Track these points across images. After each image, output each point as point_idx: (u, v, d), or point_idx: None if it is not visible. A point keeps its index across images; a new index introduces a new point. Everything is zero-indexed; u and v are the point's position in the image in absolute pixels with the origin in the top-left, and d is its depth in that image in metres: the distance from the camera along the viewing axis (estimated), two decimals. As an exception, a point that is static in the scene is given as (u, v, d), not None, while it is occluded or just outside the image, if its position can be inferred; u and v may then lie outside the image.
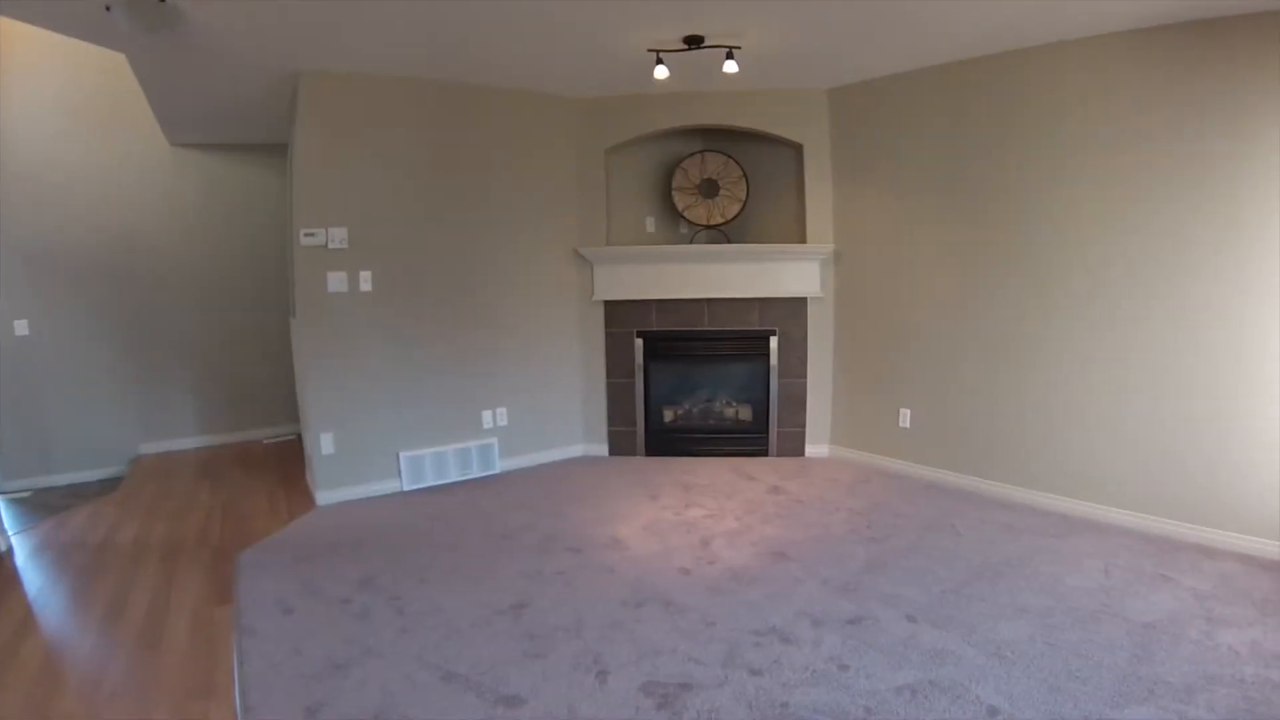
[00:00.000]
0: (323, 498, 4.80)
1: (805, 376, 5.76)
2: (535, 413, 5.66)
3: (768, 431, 5.86)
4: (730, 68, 4.33)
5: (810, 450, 5.84)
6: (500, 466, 5.46)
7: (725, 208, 5.80)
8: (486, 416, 5.40)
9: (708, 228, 5.87)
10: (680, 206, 5.84)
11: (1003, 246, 4.71)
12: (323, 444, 4.76)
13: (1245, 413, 3.89)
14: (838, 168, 5.55)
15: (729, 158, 5.80)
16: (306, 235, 4.63)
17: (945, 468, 5.14)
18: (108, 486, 5.48)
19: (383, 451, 4.99)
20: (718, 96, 5.45)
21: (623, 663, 2.91)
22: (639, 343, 5.80)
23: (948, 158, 4.91)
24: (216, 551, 4.11)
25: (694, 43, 4.17)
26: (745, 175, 5.79)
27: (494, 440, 5.42)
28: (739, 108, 5.50)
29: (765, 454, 5.85)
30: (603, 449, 5.94)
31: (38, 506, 5.10)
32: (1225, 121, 3.80)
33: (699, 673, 2.84)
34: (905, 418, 5.35)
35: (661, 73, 4.34)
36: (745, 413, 6.03)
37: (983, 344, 4.87)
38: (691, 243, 5.94)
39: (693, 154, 5.87)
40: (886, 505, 4.72)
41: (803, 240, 5.65)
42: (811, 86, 5.46)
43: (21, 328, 5.60)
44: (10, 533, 4.40)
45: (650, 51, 4.28)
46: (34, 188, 5.55)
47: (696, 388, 6.18)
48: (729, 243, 5.85)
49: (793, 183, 5.78)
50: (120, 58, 4.17)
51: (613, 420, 5.90)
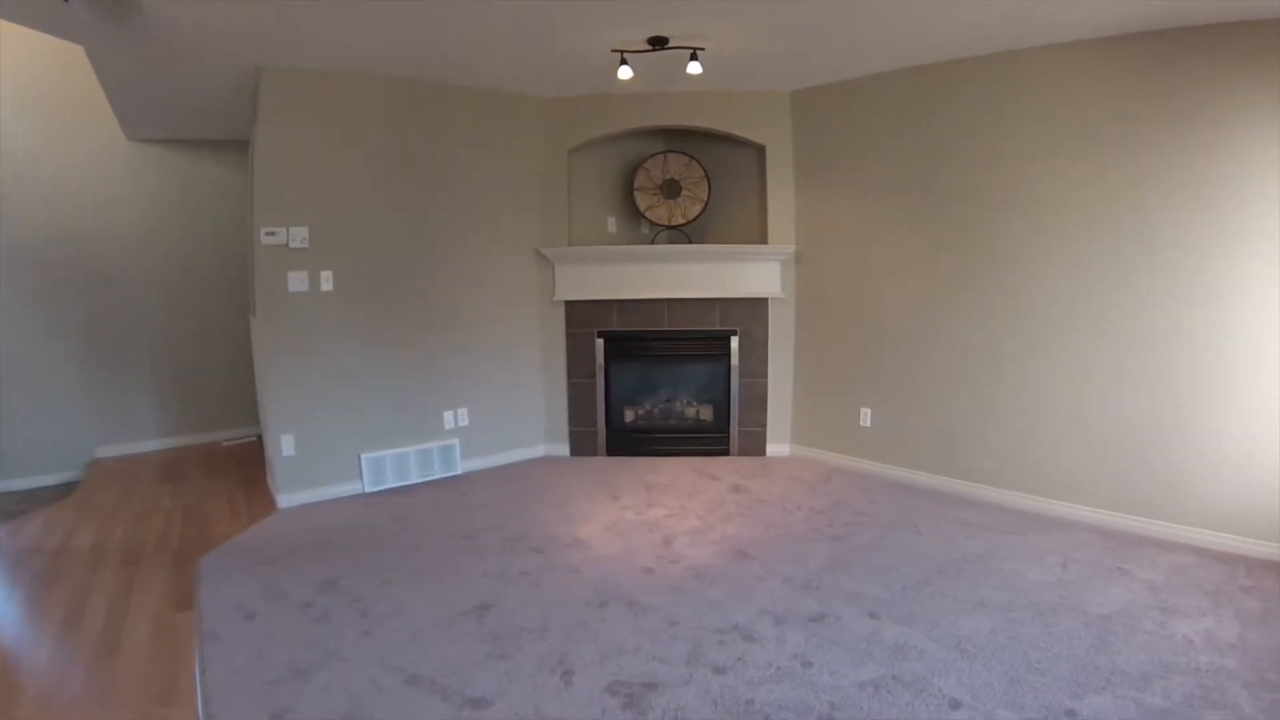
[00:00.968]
0: (284, 500, 4.76)
1: (766, 376, 5.82)
2: (497, 413, 5.65)
3: (729, 431, 5.90)
4: (694, 69, 4.36)
5: (771, 450, 5.90)
6: (462, 467, 5.44)
7: (687, 208, 5.84)
8: (448, 417, 5.39)
9: (669, 228, 5.90)
10: (642, 207, 5.87)
11: (966, 249, 4.79)
12: (284, 446, 4.71)
13: (1198, 412, 4.04)
14: (800, 169, 5.61)
15: (691, 158, 5.83)
16: (267, 234, 4.58)
17: (906, 466, 5.22)
18: (64, 491, 5.37)
19: (344, 453, 4.95)
20: (681, 97, 5.48)
21: (587, 663, 2.93)
22: (600, 343, 5.81)
23: (911, 160, 4.98)
24: (177, 556, 4.06)
25: (658, 44, 4.19)
26: (707, 176, 5.83)
27: (455, 441, 5.41)
28: (702, 109, 5.53)
29: (726, 453, 5.90)
30: (564, 449, 5.95)
31: (-10, 512, 5.00)
32: (1190, 130, 3.92)
33: (663, 672, 2.87)
34: (866, 417, 5.42)
35: (625, 73, 4.36)
36: (706, 412, 6.06)
37: (944, 344, 4.96)
38: (653, 243, 5.96)
39: (655, 154, 5.89)
40: (848, 504, 4.78)
41: (764, 241, 5.71)
42: (775, 88, 5.51)
43: (-29, 328, 5.47)
44: (-38, 539, 4.32)
45: (615, 52, 4.30)
46: (-17, 183, 5.44)
47: (657, 388, 6.21)
48: (690, 243, 5.87)
49: (754, 183, 5.83)
50: (76, 50, 4.10)
51: (574, 420, 5.91)
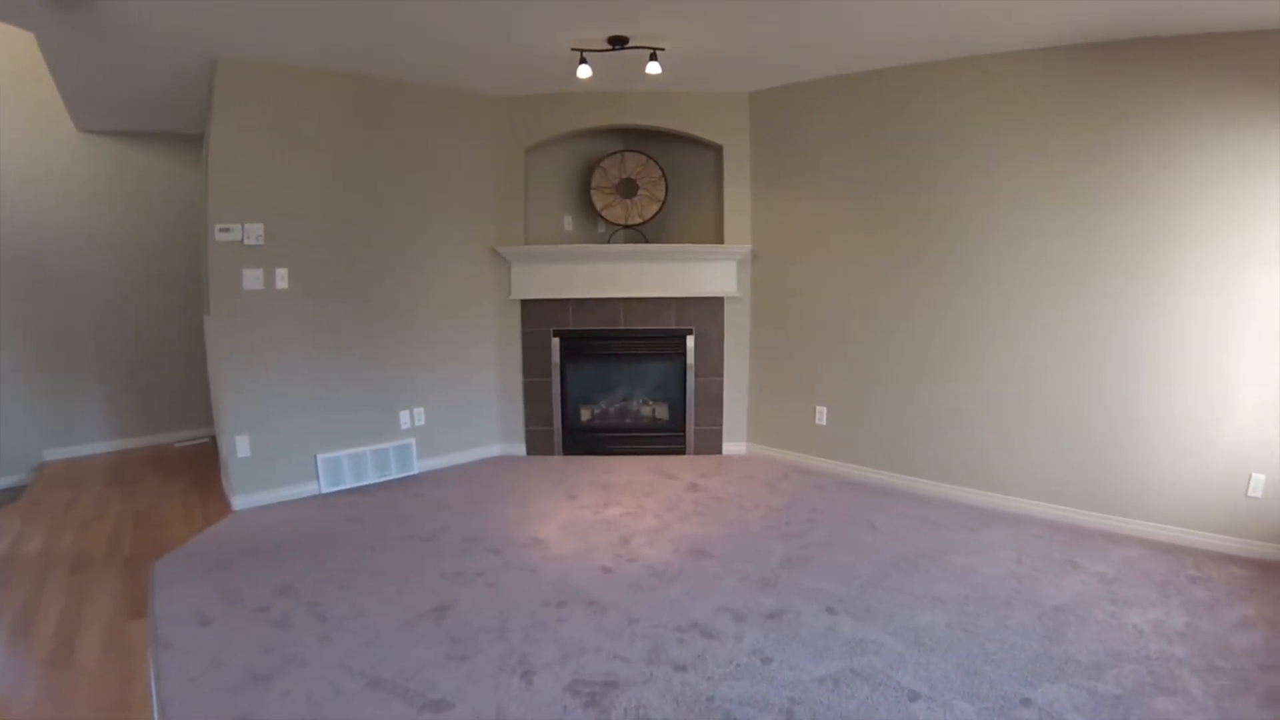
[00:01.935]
0: (239, 502, 4.69)
1: (722, 375, 5.86)
2: (453, 413, 5.63)
3: (685, 430, 5.94)
4: (653, 69, 4.37)
5: (728, 448, 5.95)
6: (419, 467, 5.42)
7: (643, 207, 5.85)
8: (404, 417, 5.36)
9: (625, 227, 5.92)
10: (599, 206, 5.87)
11: (920, 250, 4.88)
12: (238, 446, 4.64)
13: (1145, 408, 4.20)
14: (757, 170, 5.65)
15: (648, 158, 5.85)
16: (221, 231, 4.50)
17: (862, 464, 5.30)
18: (10, 495, 5.24)
19: (300, 453, 4.89)
20: (640, 97, 5.50)
21: (548, 663, 2.93)
22: (556, 342, 5.81)
23: (868, 161, 5.05)
24: (129, 562, 3.97)
25: (618, 43, 4.20)
26: (664, 175, 5.85)
27: (412, 441, 5.38)
28: (660, 109, 5.55)
29: (683, 452, 5.93)
30: (520, 448, 5.94)
31: (-68, 518, 4.86)
32: (1134, 136, 4.08)
33: (624, 670, 2.89)
34: (822, 415, 5.48)
35: (584, 72, 4.36)
36: (662, 411, 6.09)
37: (899, 344, 5.04)
38: (609, 242, 5.98)
39: (612, 154, 5.91)
40: (804, 501, 4.84)
41: (720, 241, 5.74)
42: (733, 89, 5.54)
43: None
44: (-98, 546, 4.20)
45: (574, 51, 4.30)
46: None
47: (613, 387, 6.22)
48: (646, 242, 5.90)
49: (711, 184, 5.86)
50: (26, 36, 3.97)
51: (530, 420, 5.91)
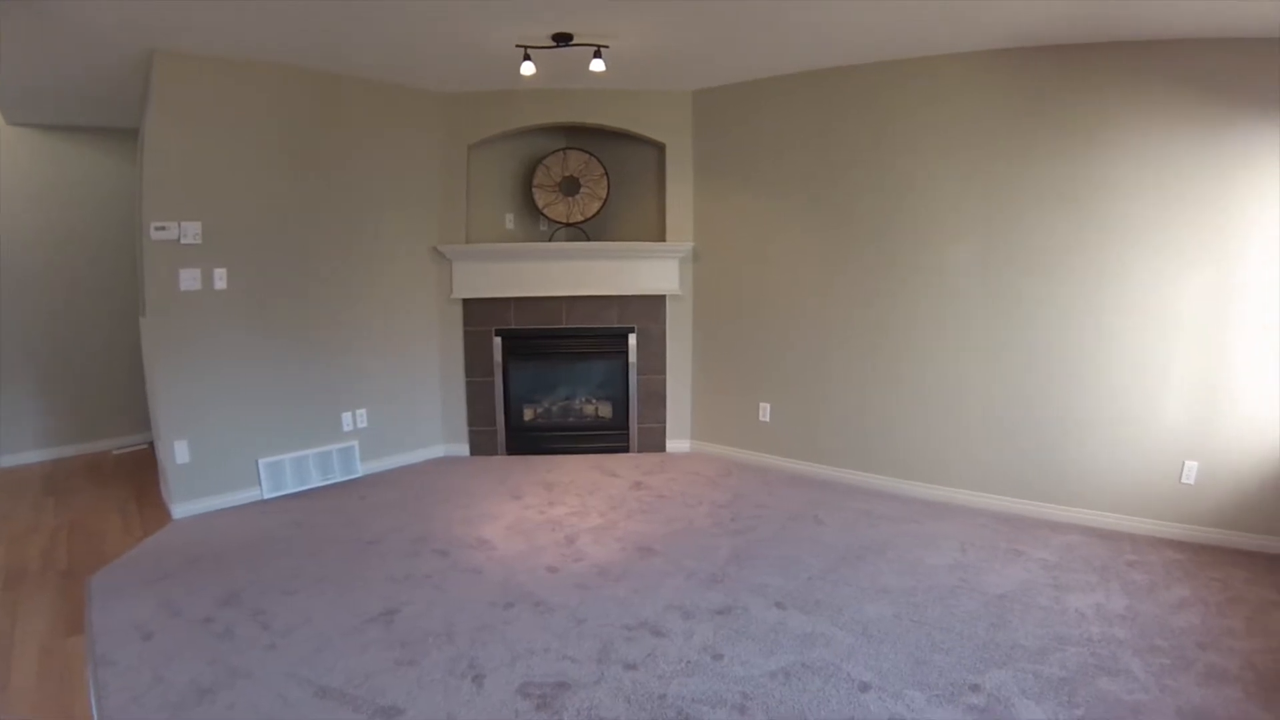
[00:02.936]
0: (179, 510, 4.57)
1: (664, 373, 5.90)
2: (396, 414, 5.58)
3: (628, 428, 5.96)
4: (597, 66, 4.37)
5: (671, 446, 5.99)
6: (362, 470, 5.36)
7: (585, 205, 5.86)
8: (346, 419, 5.29)
9: (567, 225, 5.91)
10: (541, 204, 5.86)
11: (864, 248, 4.96)
12: (177, 453, 4.53)
13: (1085, 401, 4.36)
14: (699, 167, 5.68)
15: (591, 156, 5.85)
16: (158, 229, 4.36)
17: (806, 459, 5.38)
18: (-68, 508, 5.04)
19: (241, 459, 4.80)
20: (584, 95, 5.49)
21: (497, 665, 2.93)
22: (498, 341, 5.78)
23: (812, 161, 5.11)
24: (65, 576, 3.84)
25: (563, 40, 4.19)
26: (606, 173, 5.86)
27: (355, 443, 5.32)
28: (604, 106, 5.56)
29: (626, 450, 5.95)
30: (464, 449, 5.91)
31: None
32: (1079, 139, 4.23)
33: (574, 671, 2.89)
34: (765, 412, 5.55)
35: (528, 69, 4.35)
36: (605, 410, 6.10)
37: (842, 341, 5.11)
38: (551, 240, 5.97)
39: (555, 151, 5.89)
40: (749, 497, 4.89)
41: (662, 239, 5.77)
42: (677, 87, 5.55)
43: None
44: None
45: (519, 48, 4.27)
46: None
47: (556, 386, 6.22)
48: (588, 241, 5.90)
49: (654, 182, 5.88)
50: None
51: (473, 420, 5.87)
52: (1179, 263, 4.05)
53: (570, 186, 5.87)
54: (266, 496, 4.89)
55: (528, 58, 4.29)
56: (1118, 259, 4.19)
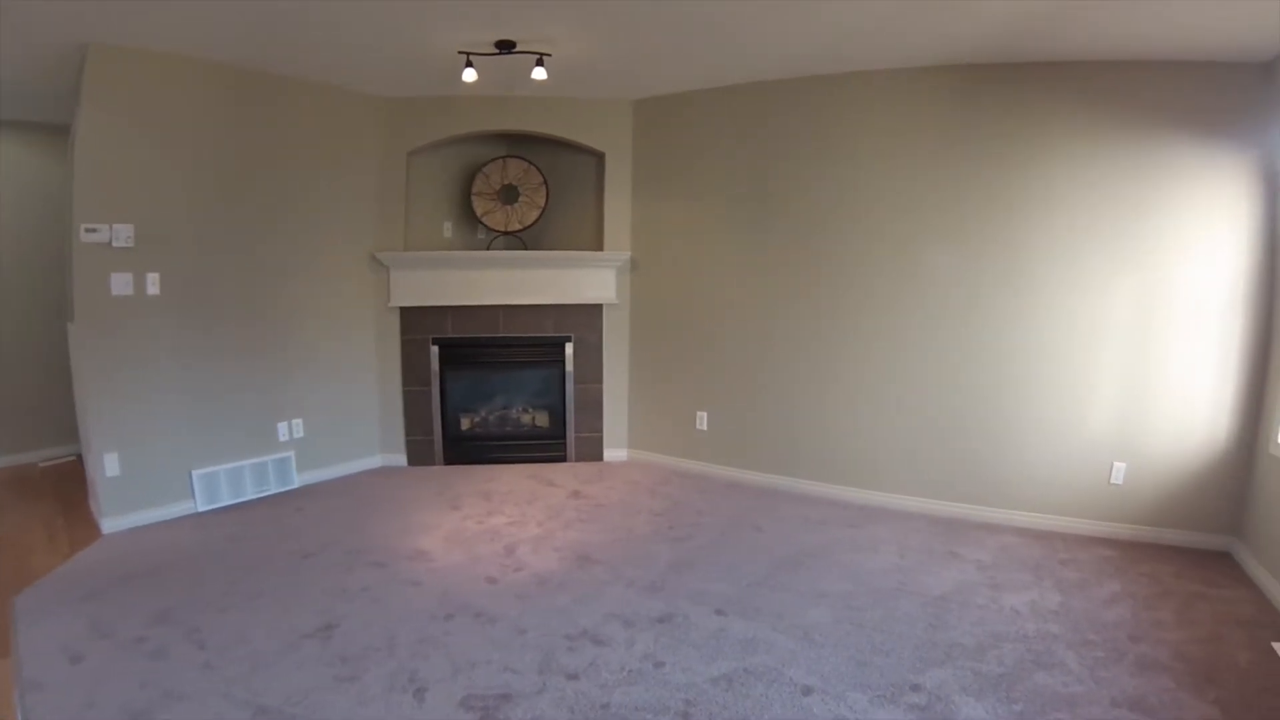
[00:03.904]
0: (109, 525, 4.43)
1: (601, 382, 5.92)
2: (332, 423, 5.50)
3: (565, 437, 5.97)
4: (539, 74, 4.37)
5: (609, 454, 6.01)
6: (298, 481, 5.27)
7: (524, 214, 5.85)
8: (282, 428, 5.20)
9: (505, 234, 5.90)
10: (479, 212, 5.84)
11: (800, 257, 5.06)
12: (106, 465, 4.39)
13: (1017, 406, 4.54)
14: (638, 177, 5.73)
15: (530, 164, 5.85)
16: (88, 231, 4.23)
17: (744, 467, 5.45)
18: None
19: (174, 470, 4.67)
20: (525, 102, 5.50)
21: (439, 678, 2.92)
22: (435, 349, 5.75)
23: (750, 172, 5.19)
24: None
25: (505, 47, 4.19)
26: (546, 182, 5.86)
27: (291, 453, 5.23)
28: (545, 114, 5.57)
29: (564, 459, 5.96)
30: (401, 459, 5.85)
31: None
32: (1009, 151, 4.42)
33: (517, 682, 2.90)
34: (702, 420, 5.61)
35: (470, 75, 4.34)
36: (542, 419, 6.10)
37: (779, 349, 5.20)
38: (489, 249, 5.95)
39: (495, 159, 5.87)
40: (687, 505, 4.94)
41: (600, 248, 5.79)
42: (618, 96, 5.58)
43: None
44: None
45: (461, 54, 4.26)
46: None
47: (493, 395, 6.20)
48: (526, 249, 5.90)
49: (593, 190, 5.90)
50: None
51: (410, 429, 5.83)
52: (1106, 271, 4.27)
53: (509, 195, 5.86)
54: (200, 509, 4.77)
55: (470, 64, 4.29)
56: (1049, 268, 4.38)
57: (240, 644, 3.19)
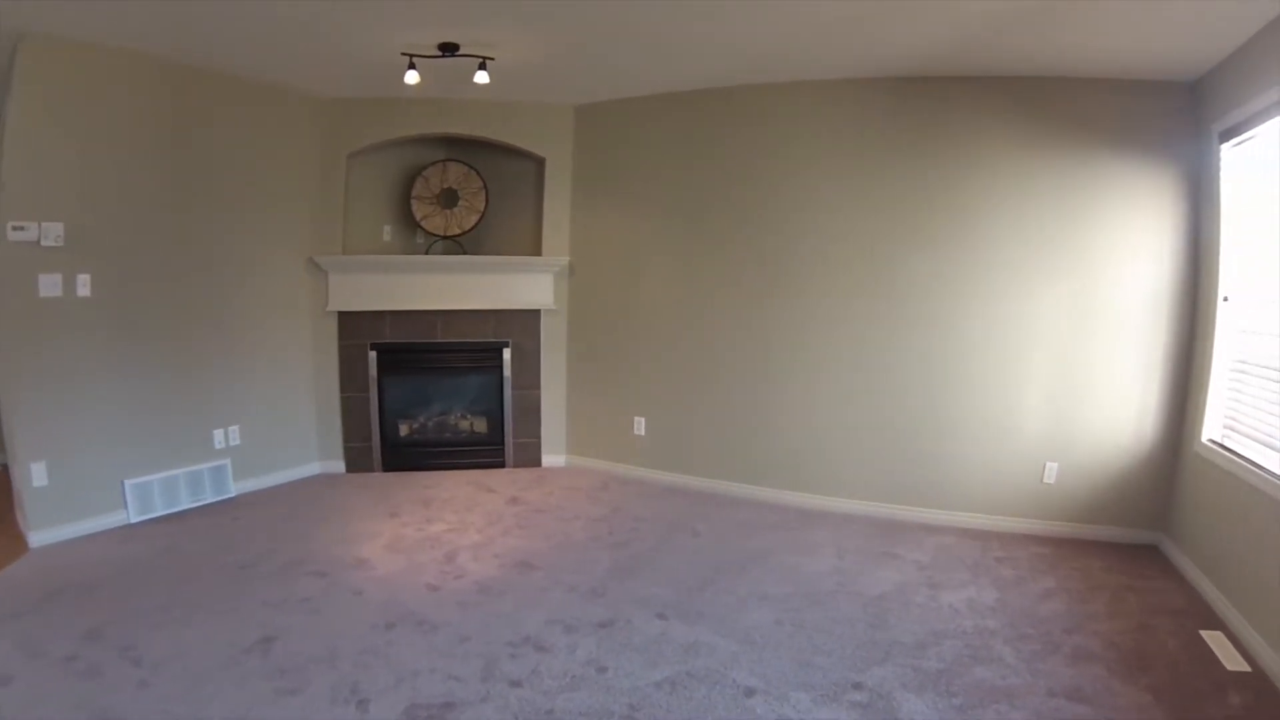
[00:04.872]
0: (36, 538, 4.27)
1: (539, 388, 5.93)
2: (269, 430, 5.41)
3: (504, 443, 5.97)
4: (481, 78, 4.37)
5: (547, 460, 6.02)
6: (235, 489, 5.17)
7: (463, 218, 5.84)
8: (218, 436, 5.09)
9: (444, 238, 5.88)
10: (418, 215, 5.81)
11: (737, 264, 5.13)
12: (33, 475, 4.24)
13: (953, 410, 4.69)
14: (578, 182, 5.74)
15: (470, 168, 5.84)
16: (15, 229, 4.08)
17: (682, 472, 5.50)
18: None
19: (105, 480, 4.53)
20: (466, 106, 5.49)
21: (382, 689, 2.91)
22: (373, 355, 5.71)
23: (690, 177, 5.25)
24: None
25: (449, 50, 4.18)
26: (485, 186, 5.85)
27: (227, 461, 5.12)
28: (487, 119, 5.56)
29: (502, 465, 5.96)
30: (339, 466, 5.80)
31: None
32: (945, 162, 4.59)
33: (460, 690, 2.91)
34: (640, 425, 5.65)
35: (412, 78, 4.32)
36: (481, 425, 6.09)
37: (717, 355, 5.27)
38: (428, 253, 5.92)
39: (435, 163, 5.85)
40: (627, 510, 4.99)
41: (539, 253, 5.79)
42: (560, 101, 5.59)
43: None
44: None
45: (404, 55, 4.23)
46: None
47: (431, 401, 6.17)
48: (465, 254, 5.89)
49: (532, 195, 5.89)
50: None
51: (348, 436, 5.78)
52: (1040, 278, 4.46)
53: (449, 199, 5.84)
54: (133, 520, 4.65)
55: (413, 66, 4.27)
56: (985, 275, 4.54)
57: (177, 660, 3.12)
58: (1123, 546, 4.47)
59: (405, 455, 5.91)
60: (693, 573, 4.04)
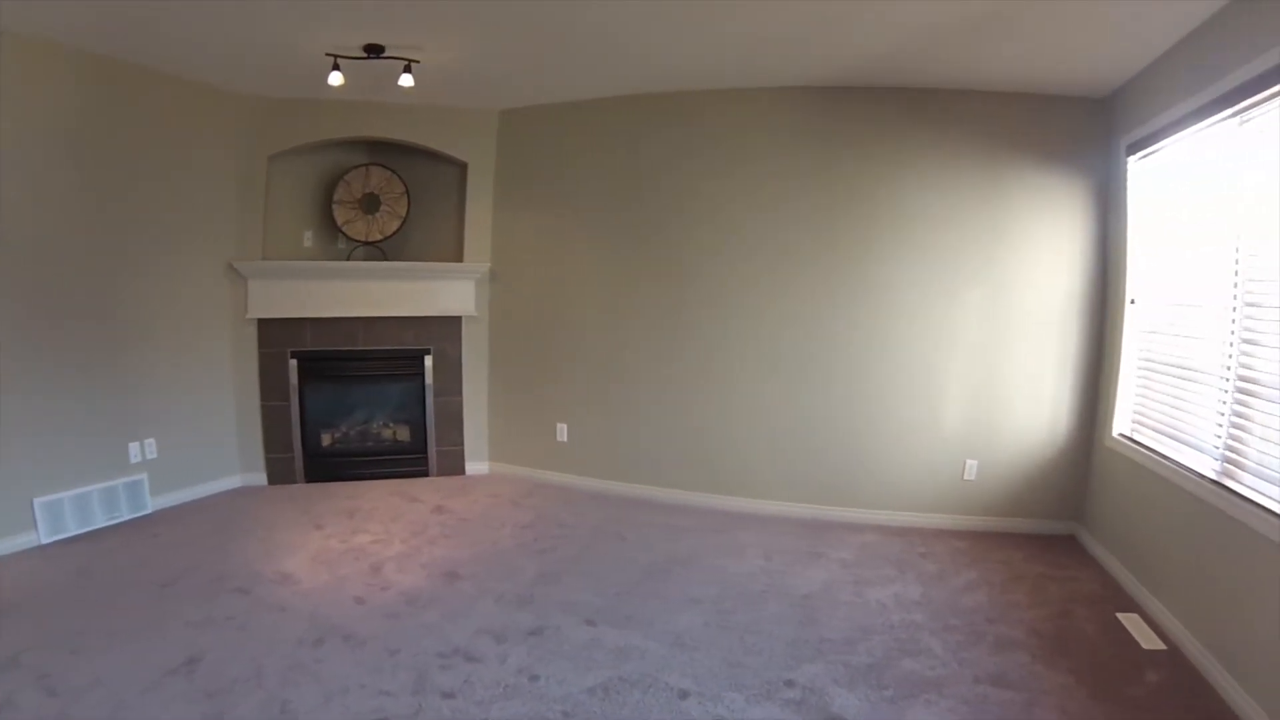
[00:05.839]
0: None
1: (461, 394, 5.92)
2: (188, 442, 5.25)
3: (427, 451, 5.95)
4: (406, 81, 4.34)
5: (471, 468, 6.01)
6: (153, 505, 5.00)
7: (385, 224, 5.79)
8: (134, 449, 4.91)
9: (366, 244, 5.81)
10: (340, 221, 5.73)
11: (659, 270, 5.20)
12: None
13: (876, 411, 4.85)
14: (500, 188, 5.74)
15: (393, 173, 5.78)
16: None
17: (606, 478, 5.55)
18: None
19: (12, 499, 4.27)
20: (390, 109, 5.44)
21: (311, 707, 2.87)
22: (294, 363, 5.63)
23: (615, 183, 5.31)
24: None
25: (374, 51, 4.15)
26: (408, 191, 5.81)
27: (144, 475, 4.95)
28: (410, 122, 5.52)
29: (426, 474, 5.93)
30: (261, 478, 5.68)
31: None
32: (870, 168, 4.75)
33: (391, 705, 2.88)
34: (563, 432, 5.68)
35: (336, 79, 4.28)
36: (404, 433, 6.05)
37: (639, 360, 5.33)
38: (349, 259, 5.84)
39: (357, 167, 5.79)
40: (551, 517, 5.00)
41: (460, 259, 5.78)
42: (485, 105, 5.57)
43: None
44: None
45: (329, 56, 4.18)
46: None
47: (353, 409, 6.11)
48: (386, 260, 5.83)
49: (454, 201, 5.87)
50: None
51: (270, 447, 5.68)
52: (958, 282, 4.65)
53: (371, 204, 5.78)
54: (45, 541, 4.44)
55: (337, 67, 4.23)
56: (909, 279, 4.72)
57: (97, 687, 3.00)
58: (1041, 538, 4.70)
59: (328, 465, 5.84)
60: (620, 578, 4.09)
